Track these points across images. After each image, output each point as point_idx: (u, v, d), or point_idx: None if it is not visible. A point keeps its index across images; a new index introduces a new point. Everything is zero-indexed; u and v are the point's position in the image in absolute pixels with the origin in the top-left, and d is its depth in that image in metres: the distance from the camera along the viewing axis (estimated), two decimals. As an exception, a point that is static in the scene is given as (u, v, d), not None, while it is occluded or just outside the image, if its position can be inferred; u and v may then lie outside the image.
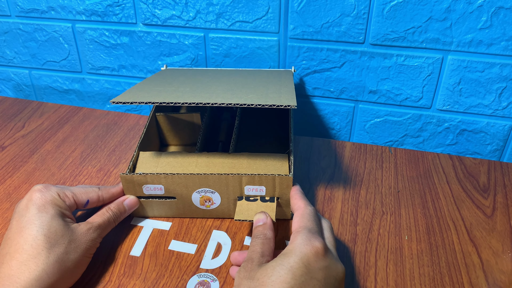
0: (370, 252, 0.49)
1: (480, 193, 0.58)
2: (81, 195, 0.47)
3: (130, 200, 0.51)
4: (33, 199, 0.44)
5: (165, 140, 0.66)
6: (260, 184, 0.49)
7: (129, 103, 0.45)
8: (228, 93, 0.49)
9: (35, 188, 0.45)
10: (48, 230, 0.41)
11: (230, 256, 0.46)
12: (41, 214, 0.42)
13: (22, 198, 0.45)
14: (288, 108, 0.43)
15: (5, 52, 0.82)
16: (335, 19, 0.64)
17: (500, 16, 0.58)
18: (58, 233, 0.42)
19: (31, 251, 0.40)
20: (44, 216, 0.42)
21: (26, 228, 0.41)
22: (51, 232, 0.42)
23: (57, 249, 0.41)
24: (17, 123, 0.73)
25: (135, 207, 0.51)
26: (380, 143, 0.74)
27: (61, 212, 0.44)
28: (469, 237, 0.51)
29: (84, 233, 0.44)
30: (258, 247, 0.41)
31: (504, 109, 0.65)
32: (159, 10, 0.70)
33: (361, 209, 0.55)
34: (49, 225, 0.42)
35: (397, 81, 0.67)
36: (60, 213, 0.44)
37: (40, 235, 0.41)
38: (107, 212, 0.48)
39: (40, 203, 0.43)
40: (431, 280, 0.46)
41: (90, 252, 0.45)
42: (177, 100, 0.45)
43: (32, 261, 0.39)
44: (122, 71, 0.78)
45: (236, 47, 0.70)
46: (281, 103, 0.43)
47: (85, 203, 0.48)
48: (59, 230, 0.42)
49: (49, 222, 0.42)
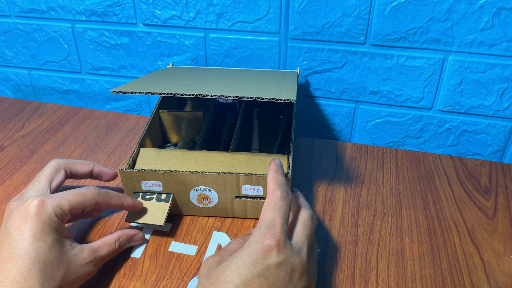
0: (371, 253, 0.49)
1: (481, 194, 0.58)
2: (78, 205, 0.43)
3: (139, 237, 0.49)
4: (28, 221, 0.39)
5: (167, 138, 0.66)
6: (257, 184, 0.49)
7: (129, 92, 0.45)
8: (229, 87, 0.49)
9: (29, 206, 0.40)
10: (44, 263, 0.38)
11: None
12: (38, 244, 0.39)
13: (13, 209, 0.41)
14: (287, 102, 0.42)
15: (4, 52, 0.82)
16: (336, 20, 0.63)
17: (502, 17, 0.58)
18: (54, 266, 0.39)
19: (24, 283, 0.37)
20: (41, 247, 0.39)
21: (20, 257, 0.38)
22: (47, 265, 0.38)
23: (51, 283, 0.38)
24: (17, 123, 0.73)
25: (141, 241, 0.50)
26: (381, 144, 0.73)
27: (58, 236, 0.40)
28: (470, 239, 0.51)
29: (83, 265, 0.41)
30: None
31: (505, 110, 0.65)
32: (159, 10, 0.69)
33: (362, 211, 0.55)
34: (46, 257, 0.39)
35: (398, 81, 0.66)
36: (57, 239, 0.40)
37: (35, 269, 0.38)
38: (114, 244, 0.45)
39: (37, 229, 0.39)
40: (433, 282, 0.46)
41: (81, 283, 0.42)
42: (176, 91, 0.44)
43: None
44: (122, 72, 0.78)
45: (236, 48, 0.70)
46: (281, 97, 0.43)
47: (81, 211, 0.45)
48: (56, 263, 0.39)
49: (46, 253, 0.39)
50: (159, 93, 0.44)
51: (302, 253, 0.38)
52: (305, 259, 0.38)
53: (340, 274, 0.47)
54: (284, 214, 0.39)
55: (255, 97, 0.43)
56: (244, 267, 0.35)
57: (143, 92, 0.44)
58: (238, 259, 0.36)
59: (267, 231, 0.37)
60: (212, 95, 0.43)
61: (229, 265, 0.36)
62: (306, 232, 0.40)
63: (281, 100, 0.42)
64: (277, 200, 0.40)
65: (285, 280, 0.36)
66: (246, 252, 0.36)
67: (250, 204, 0.51)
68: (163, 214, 0.49)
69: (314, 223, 0.42)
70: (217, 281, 0.35)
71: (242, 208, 0.52)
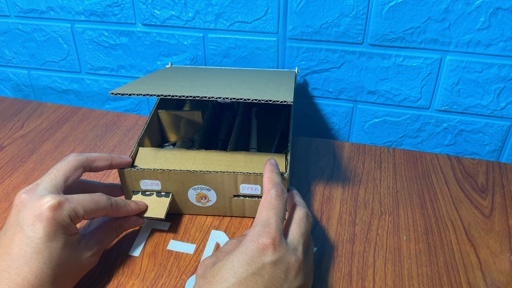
0: (368, 252, 0.49)
1: (478, 193, 0.58)
2: (91, 212, 0.42)
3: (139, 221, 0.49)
4: (43, 220, 0.38)
5: (166, 137, 0.66)
6: (255, 183, 0.49)
7: (128, 94, 0.45)
8: (227, 88, 0.49)
9: (46, 207, 0.39)
10: (56, 264, 0.39)
11: None
12: (51, 244, 0.38)
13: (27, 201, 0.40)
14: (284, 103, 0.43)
15: (4, 52, 0.82)
16: (334, 20, 0.64)
17: (498, 17, 0.58)
18: (65, 268, 0.39)
19: (35, 282, 0.37)
20: (53, 247, 0.39)
21: (33, 256, 0.38)
22: (58, 266, 0.39)
23: (61, 281, 0.39)
24: (16, 123, 0.73)
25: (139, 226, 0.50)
26: (378, 144, 0.74)
27: (69, 236, 0.40)
28: (467, 237, 0.51)
29: (87, 258, 0.42)
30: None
31: (502, 109, 0.65)
32: (158, 10, 0.70)
33: (359, 209, 0.55)
34: (58, 258, 0.39)
35: (396, 81, 0.67)
36: (68, 239, 0.40)
37: (48, 269, 0.38)
38: (115, 232, 0.46)
39: (50, 229, 0.39)
40: (429, 280, 0.46)
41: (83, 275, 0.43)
42: (175, 93, 0.45)
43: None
44: (121, 71, 0.78)
45: (235, 48, 0.70)
46: (278, 98, 0.43)
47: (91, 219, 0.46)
48: (67, 264, 0.40)
49: (58, 253, 0.39)
50: (157, 95, 0.45)
51: (298, 251, 0.38)
52: (301, 257, 0.38)
53: (337, 272, 0.47)
54: (279, 213, 0.39)
55: (252, 99, 0.43)
56: (240, 266, 0.36)
57: (141, 94, 0.45)
58: (234, 258, 0.36)
59: (262, 230, 0.38)
60: (209, 97, 0.44)
61: (224, 264, 0.36)
62: (302, 230, 0.40)
63: (278, 102, 0.43)
64: (272, 199, 0.40)
65: (281, 278, 0.36)
66: (242, 251, 0.37)
67: (248, 203, 0.51)
68: (163, 208, 0.49)
69: (309, 221, 0.42)
70: (213, 280, 0.36)
71: (240, 207, 0.52)
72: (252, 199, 0.51)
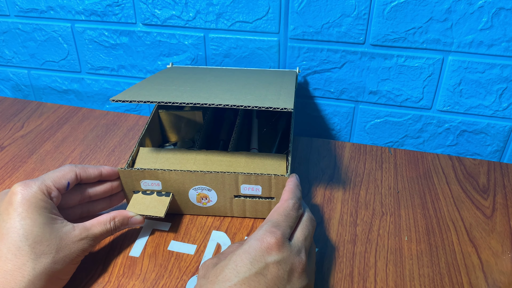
0: (369, 252, 0.49)
1: (479, 194, 0.58)
2: (60, 180, 0.44)
3: (136, 219, 0.48)
4: (13, 203, 0.40)
5: (167, 137, 0.66)
6: (256, 183, 0.49)
7: (129, 101, 0.45)
8: (227, 94, 0.49)
9: (14, 189, 0.41)
10: (33, 240, 0.39)
11: None
12: (25, 222, 0.39)
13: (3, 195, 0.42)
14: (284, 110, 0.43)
15: (4, 52, 0.82)
16: (336, 20, 0.63)
17: (501, 17, 0.58)
18: (44, 242, 0.39)
19: (16, 261, 0.38)
20: (28, 224, 0.39)
21: (8, 236, 0.39)
22: (36, 241, 0.39)
23: (44, 259, 0.39)
24: (16, 123, 0.73)
25: (139, 225, 0.50)
26: (380, 144, 0.74)
27: (46, 213, 0.41)
28: (468, 238, 0.51)
29: (75, 241, 0.42)
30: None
31: (504, 110, 0.65)
32: (158, 10, 0.69)
33: (360, 210, 0.55)
34: (34, 233, 0.39)
35: (398, 81, 0.67)
36: (45, 215, 0.41)
37: (25, 245, 0.38)
38: (109, 223, 0.45)
39: (22, 208, 0.40)
40: (431, 280, 0.46)
41: (79, 260, 0.43)
42: (175, 100, 0.45)
43: (17, 272, 0.38)
44: (122, 71, 0.78)
45: (236, 48, 0.70)
46: (278, 105, 0.43)
47: (66, 187, 0.45)
48: (45, 238, 0.39)
49: (34, 230, 0.39)
50: (158, 102, 0.45)
51: (302, 254, 0.38)
52: (304, 259, 0.38)
53: (338, 273, 0.47)
54: (290, 221, 0.40)
55: (253, 106, 0.43)
56: (243, 265, 0.36)
57: (142, 101, 0.45)
58: (237, 257, 0.36)
59: (269, 230, 0.38)
60: (210, 104, 0.44)
61: (227, 264, 0.36)
62: (305, 233, 0.41)
63: (278, 109, 0.43)
64: (288, 208, 0.41)
65: (284, 279, 0.36)
66: (245, 250, 0.37)
67: (249, 204, 0.51)
68: (163, 207, 0.49)
69: (313, 225, 0.42)
70: (215, 280, 0.36)
71: (241, 208, 0.52)
72: (253, 199, 0.51)
